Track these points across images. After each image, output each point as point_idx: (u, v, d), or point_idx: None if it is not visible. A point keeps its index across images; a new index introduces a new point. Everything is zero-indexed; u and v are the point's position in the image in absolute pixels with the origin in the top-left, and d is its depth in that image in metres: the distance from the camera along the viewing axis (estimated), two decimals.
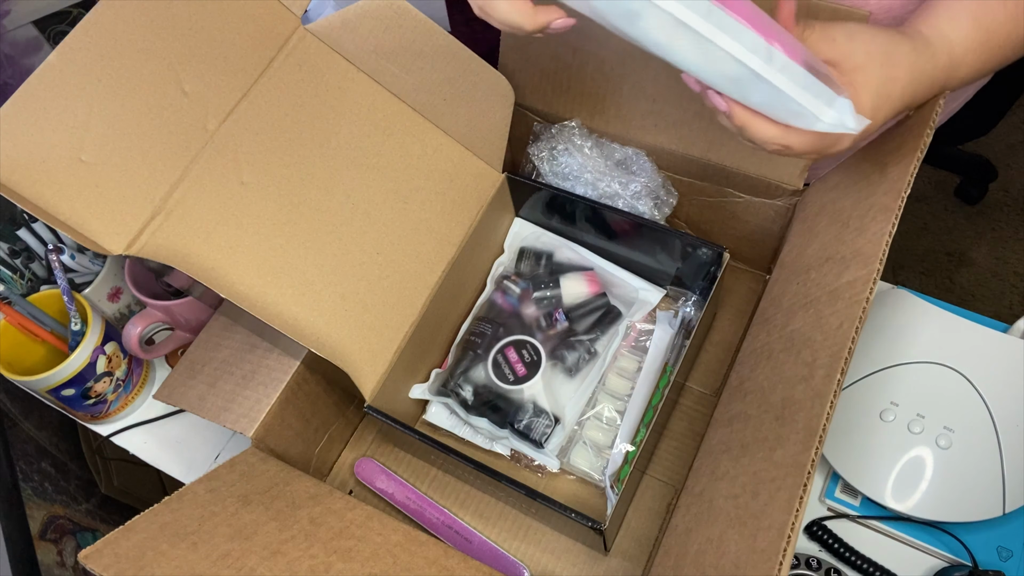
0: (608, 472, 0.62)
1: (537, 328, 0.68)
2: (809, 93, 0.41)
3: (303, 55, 0.60)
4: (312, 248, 0.59)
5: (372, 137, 0.63)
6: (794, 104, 0.41)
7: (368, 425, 0.72)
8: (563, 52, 0.67)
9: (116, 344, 0.70)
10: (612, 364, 0.68)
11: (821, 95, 0.41)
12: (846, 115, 0.41)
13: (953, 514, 0.58)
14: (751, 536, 0.42)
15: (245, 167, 0.57)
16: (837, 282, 0.48)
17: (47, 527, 0.77)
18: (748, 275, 0.74)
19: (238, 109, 0.57)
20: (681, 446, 0.66)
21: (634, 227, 0.67)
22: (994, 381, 0.59)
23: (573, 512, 0.54)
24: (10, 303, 0.67)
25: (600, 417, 0.65)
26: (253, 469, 0.57)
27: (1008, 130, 1.60)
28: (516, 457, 0.66)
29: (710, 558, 0.45)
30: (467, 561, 0.52)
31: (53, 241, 0.75)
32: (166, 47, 0.55)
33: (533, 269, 0.72)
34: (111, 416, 0.74)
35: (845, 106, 0.41)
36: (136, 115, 0.53)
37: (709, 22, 0.39)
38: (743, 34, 0.39)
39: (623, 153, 0.69)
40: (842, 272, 0.48)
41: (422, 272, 0.65)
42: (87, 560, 0.45)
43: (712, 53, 0.40)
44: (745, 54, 0.39)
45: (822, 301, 0.49)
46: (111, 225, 0.52)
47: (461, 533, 0.64)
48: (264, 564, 0.46)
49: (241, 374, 0.61)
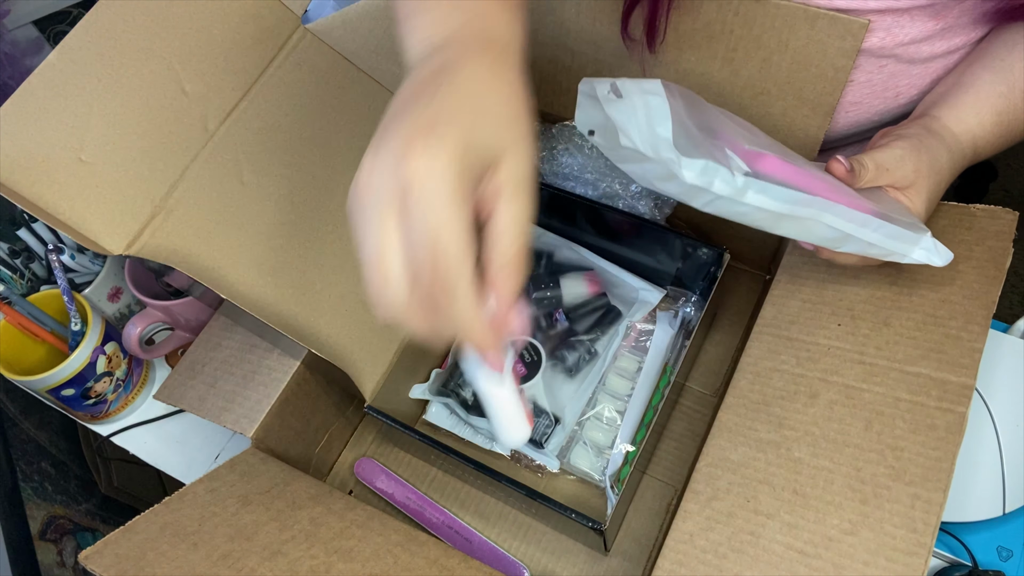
0: (608, 472, 0.62)
1: (537, 328, 0.68)
2: (898, 241, 0.46)
3: (303, 55, 0.60)
4: (312, 248, 0.59)
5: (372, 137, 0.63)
6: (886, 252, 0.47)
7: (368, 425, 0.72)
8: (561, 55, 0.67)
9: (116, 344, 0.70)
10: (612, 364, 0.68)
11: (907, 239, 0.46)
12: (931, 253, 0.46)
13: (953, 514, 0.58)
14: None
15: (245, 167, 0.57)
16: (913, 367, 0.49)
17: (47, 527, 0.77)
18: (748, 275, 0.74)
19: (238, 109, 0.57)
20: (681, 446, 0.66)
21: (634, 227, 0.67)
22: (994, 381, 0.59)
23: (573, 512, 0.54)
24: (10, 303, 0.66)
25: (600, 417, 0.65)
26: (253, 469, 0.57)
27: None
28: (516, 457, 0.66)
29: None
30: (467, 561, 0.52)
31: (53, 241, 0.74)
32: (166, 47, 0.55)
33: (533, 269, 0.72)
34: (111, 416, 0.74)
35: (929, 245, 0.46)
36: (136, 115, 0.53)
37: (812, 208, 0.45)
38: (840, 210, 0.45)
39: None
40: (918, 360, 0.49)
41: None
42: (87, 560, 0.45)
43: (813, 229, 0.46)
44: (845, 225, 0.46)
45: (892, 376, 0.49)
46: (111, 225, 0.52)
47: (461, 533, 0.64)
48: (264, 564, 0.46)
49: (241, 374, 0.61)
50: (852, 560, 0.44)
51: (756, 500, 0.48)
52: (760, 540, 0.47)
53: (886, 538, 0.44)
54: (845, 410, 0.49)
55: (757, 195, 0.45)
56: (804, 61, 0.54)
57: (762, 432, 0.50)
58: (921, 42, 0.54)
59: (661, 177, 0.46)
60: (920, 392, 0.48)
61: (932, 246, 0.47)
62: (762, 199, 0.45)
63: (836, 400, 0.50)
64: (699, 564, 0.47)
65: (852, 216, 0.46)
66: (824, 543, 0.45)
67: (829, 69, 0.54)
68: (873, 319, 0.52)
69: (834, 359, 0.51)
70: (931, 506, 0.44)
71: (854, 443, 0.48)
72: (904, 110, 0.59)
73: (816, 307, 0.54)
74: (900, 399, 0.48)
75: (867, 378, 0.50)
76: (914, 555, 0.43)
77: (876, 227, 0.46)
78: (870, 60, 0.55)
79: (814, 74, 0.55)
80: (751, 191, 0.45)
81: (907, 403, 0.48)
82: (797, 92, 0.56)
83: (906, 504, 0.45)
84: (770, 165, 0.46)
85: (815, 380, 0.51)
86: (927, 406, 0.47)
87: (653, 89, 0.45)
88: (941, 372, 0.48)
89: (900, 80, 0.57)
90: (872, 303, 0.53)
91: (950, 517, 0.58)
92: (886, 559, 0.43)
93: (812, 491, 0.47)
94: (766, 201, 0.45)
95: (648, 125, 0.44)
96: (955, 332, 0.50)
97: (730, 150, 0.45)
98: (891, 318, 0.52)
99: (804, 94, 0.56)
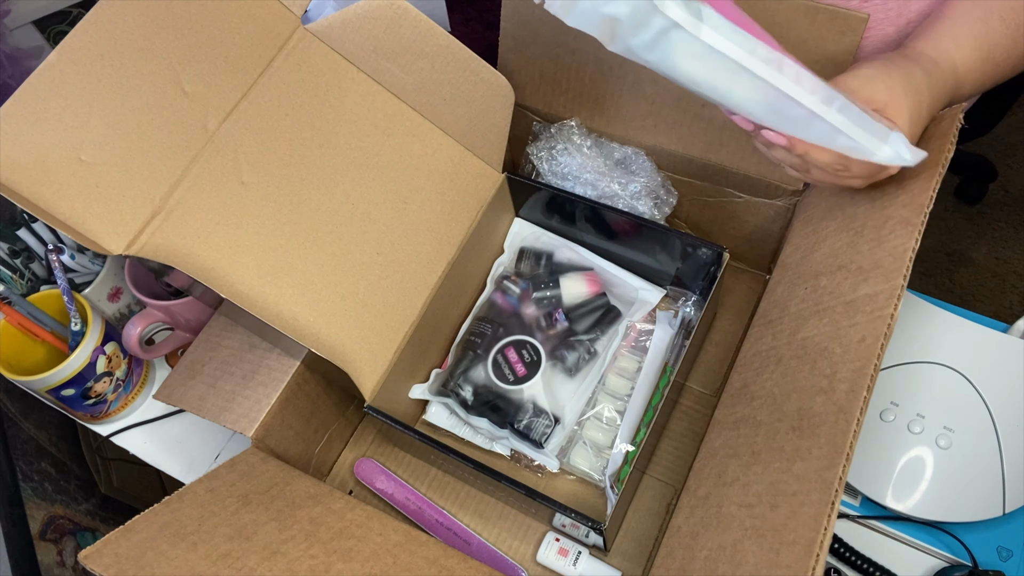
0: (608, 472, 0.62)
1: (537, 328, 0.68)
2: (865, 131, 0.42)
3: (303, 55, 0.60)
4: (312, 248, 0.59)
5: (372, 137, 0.63)
6: (851, 141, 0.43)
7: (368, 425, 0.72)
8: (562, 53, 0.67)
9: (116, 344, 0.70)
10: (612, 364, 0.68)
11: (876, 132, 0.43)
12: (901, 149, 0.43)
13: (953, 514, 0.58)
14: (772, 550, 0.41)
15: (245, 167, 0.57)
16: (854, 293, 0.47)
17: (47, 527, 0.77)
18: (748, 275, 0.74)
19: (238, 109, 0.57)
20: (681, 446, 0.66)
21: (634, 227, 0.67)
22: (994, 381, 0.59)
23: (573, 512, 0.54)
24: (10, 303, 0.66)
25: (600, 417, 0.65)
26: (253, 469, 0.57)
27: (1008, 130, 1.60)
28: (516, 457, 0.66)
29: (723, 567, 0.44)
30: (467, 561, 0.52)
31: (53, 241, 0.74)
32: (166, 47, 0.55)
33: (533, 269, 0.72)
34: (111, 416, 0.74)
35: (899, 140, 0.43)
36: (136, 115, 0.53)
37: (770, 66, 0.40)
38: (804, 77, 0.41)
39: (623, 153, 0.69)
40: (859, 284, 0.48)
41: (422, 272, 0.65)
42: (87, 560, 0.45)
43: (773, 96, 0.41)
44: (806, 96, 0.41)
45: (838, 311, 0.48)
46: (111, 225, 0.52)
47: (460, 535, 0.64)
48: (264, 564, 0.46)
49: (241, 374, 0.61)
50: (785, 495, 0.43)
51: (725, 474, 0.49)
52: (723, 508, 0.47)
53: (813, 462, 0.43)
54: (796, 362, 0.49)
55: (715, 34, 0.39)
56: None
57: (738, 411, 0.51)
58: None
59: (613, 4, 0.39)
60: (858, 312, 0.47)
61: (902, 142, 0.43)
62: (720, 40, 0.39)
63: (794, 355, 0.50)
64: (681, 549, 0.47)
65: (815, 86, 0.41)
66: (770, 491, 0.45)
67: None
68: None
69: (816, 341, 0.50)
70: (850, 415, 0.42)
71: (800, 387, 0.47)
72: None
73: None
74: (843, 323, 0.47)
75: (821, 326, 0.49)
76: (832, 468, 0.41)
77: (841, 107, 0.42)
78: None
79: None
80: (708, 27, 0.39)
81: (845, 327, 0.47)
82: None
83: (831, 424, 0.44)
84: (733, 14, 0.40)
85: (783, 348, 0.51)
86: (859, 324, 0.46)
87: None
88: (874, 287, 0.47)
89: (912, 4, 0.55)
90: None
91: (950, 517, 0.58)
92: (811, 482, 0.42)
93: (765, 444, 0.47)
94: (724, 43, 0.39)
95: None
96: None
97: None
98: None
99: None
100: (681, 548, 0.49)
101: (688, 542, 0.49)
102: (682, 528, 0.51)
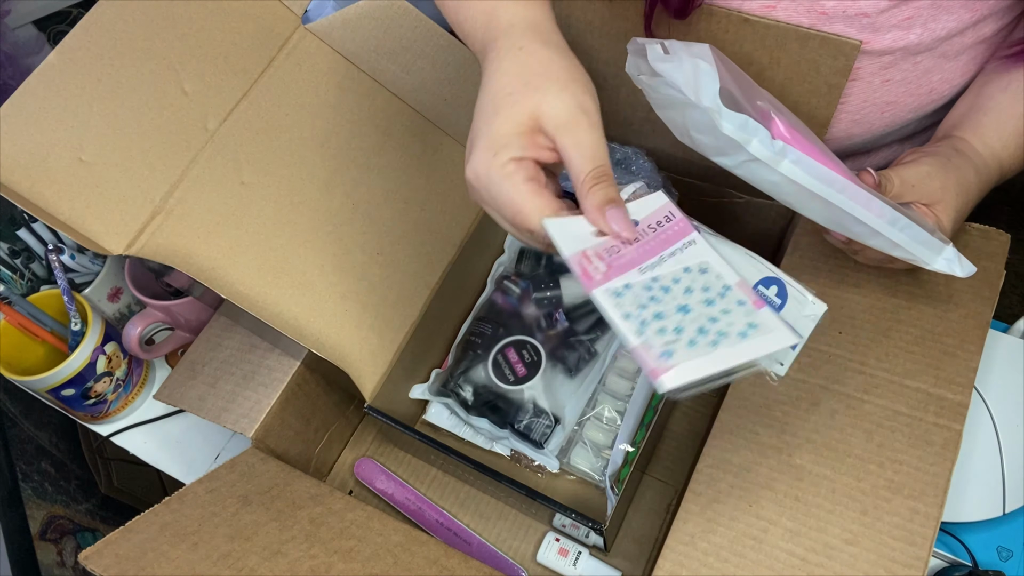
0: (608, 472, 0.62)
1: (537, 328, 0.68)
2: (923, 246, 0.46)
3: (303, 55, 0.60)
4: (312, 248, 0.59)
5: (372, 137, 0.63)
6: (909, 254, 0.47)
7: (368, 425, 0.72)
8: None
9: (116, 344, 0.70)
10: (612, 364, 0.68)
11: (932, 247, 0.47)
12: (954, 263, 0.47)
13: (953, 514, 0.58)
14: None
15: (245, 167, 0.57)
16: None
17: (47, 527, 0.77)
18: None
19: (238, 109, 0.57)
20: (681, 446, 0.66)
21: None
22: (994, 381, 0.59)
23: (573, 512, 0.54)
24: (10, 303, 0.66)
25: (600, 417, 0.65)
26: (253, 469, 0.57)
27: None
28: (516, 457, 0.66)
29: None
30: (467, 561, 0.52)
31: (53, 241, 0.74)
32: (166, 47, 0.55)
33: (533, 269, 0.72)
34: (111, 416, 0.74)
35: (952, 254, 0.47)
36: (136, 115, 0.53)
37: (844, 195, 0.44)
38: (872, 202, 0.45)
39: (623, 153, 0.69)
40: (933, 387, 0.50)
41: (422, 272, 0.65)
42: (87, 560, 0.45)
43: (841, 215, 0.45)
44: (874, 220, 0.45)
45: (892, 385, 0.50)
46: (111, 225, 0.52)
47: (460, 535, 0.64)
48: (264, 564, 0.46)
49: (241, 374, 0.61)
50: (853, 570, 0.45)
51: (758, 505, 0.48)
52: (762, 545, 0.47)
53: (885, 549, 0.45)
54: (846, 419, 0.50)
55: (793, 166, 0.44)
56: (797, 77, 0.55)
57: (763, 436, 0.51)
58: (956, 35, 0.54)
59: (699, 127, 0.45)
60: (918, 407, 0.49)
61: (955, 257, 0.47)
62: (797, 172, 0.44)
63: (837, 409, 0.50)
64: (700, 566, 0.47)
65: (882, 211, 0.45)
66: (825, 551, 0.46)
67: (823, 86, 0.55)
68: (873, 329, 0.53)
69: (835, 367, 0.52)
70: (928, 520, 0.45)
71: (855, 453, 0.48)
72: (936, 106, 0.60)
73: None
74: (899, 412, 0.49)
75: (868, 389, 0.50)
76: (911, 567, 0.44)
77: (903, 227, 0.46)
78: (907, 58, 0.55)
79: (807, 89, 0.55)
80: (787, 160, 0.44)
81: (906, 417, 0.49)
82: (792, 106, 0.56)
83: (905, 517, 0.45)
84: (807, 148, 0.45)
85: (816, 387, 0.51)
86: (925, 421, 0.48)
87: (701, 52, 0.45)
88: (938, 388, 0.49)
89: (934, 76, 0.57)
90: (872, 313, 0.53)
91: (950, 517, 0.58)
92: (884, 570, 0.44)
93: (813, 499, 0.48)
94: (800, 175, 0.44)
95: (694, 76, 0.44)
96: (951, 350, 0.51)
97: (775, 115, 0.45)
98: (891, 330, 0.52)
99: (799, 108, 0.56)
100: (703, 567, 0.48)
101: (714, 563, 0.48)
102: (697, 540, 0.50)
